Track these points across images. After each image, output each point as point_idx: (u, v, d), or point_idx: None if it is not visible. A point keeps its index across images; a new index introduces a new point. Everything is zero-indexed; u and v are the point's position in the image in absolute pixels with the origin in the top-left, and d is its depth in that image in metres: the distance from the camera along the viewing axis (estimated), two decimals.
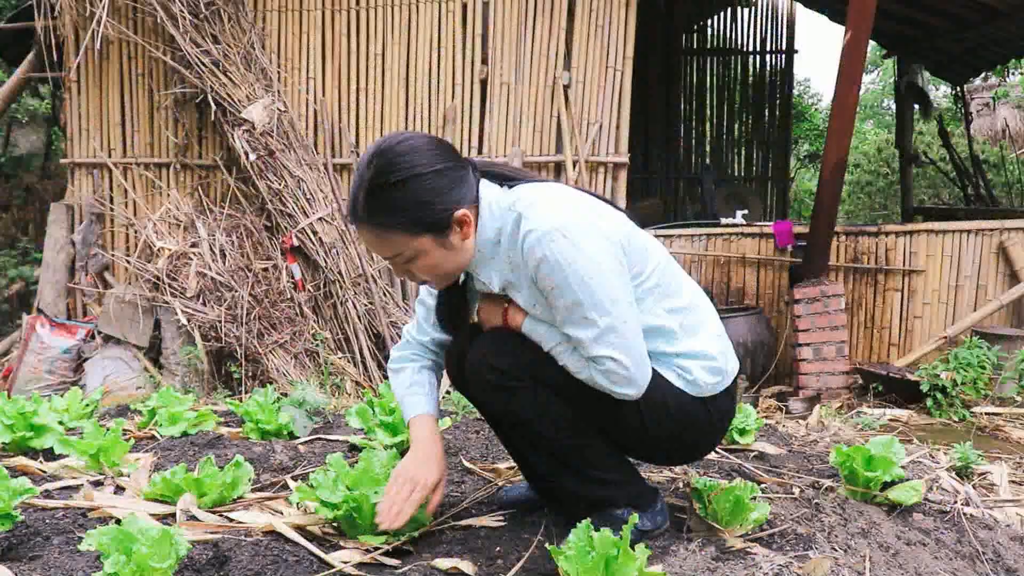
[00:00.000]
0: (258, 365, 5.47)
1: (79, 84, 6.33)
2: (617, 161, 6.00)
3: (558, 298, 1.92)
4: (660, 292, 2.08)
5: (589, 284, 1.89)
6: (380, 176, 1.90)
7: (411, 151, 1.92)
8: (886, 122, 21.41)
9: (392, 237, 1.94)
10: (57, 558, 2.06)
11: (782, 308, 6.30)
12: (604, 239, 1.94)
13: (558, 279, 1.89)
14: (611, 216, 2.03)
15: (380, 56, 6.16)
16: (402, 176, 1.90)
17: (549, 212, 1.92)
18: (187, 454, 3.07)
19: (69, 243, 6.31)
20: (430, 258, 1.98)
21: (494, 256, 2.06)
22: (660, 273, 2.09)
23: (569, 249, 1.88)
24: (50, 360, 5.88)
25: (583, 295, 1.89)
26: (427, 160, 1.92)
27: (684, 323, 2.11)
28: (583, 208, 1.97)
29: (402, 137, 1.96)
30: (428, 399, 2.30)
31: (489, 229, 2.02)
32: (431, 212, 1.92)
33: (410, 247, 1.95)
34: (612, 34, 5.97)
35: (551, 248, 1.88)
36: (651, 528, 2.20)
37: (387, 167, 1.90)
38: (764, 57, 11.58)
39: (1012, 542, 2.50)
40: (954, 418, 5.03)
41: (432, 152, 1.94)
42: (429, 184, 1.91)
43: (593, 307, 1.90)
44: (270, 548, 2.12)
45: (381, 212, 1.92)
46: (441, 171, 1.93)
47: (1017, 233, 6.19)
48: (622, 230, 2.02)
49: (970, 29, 8.55)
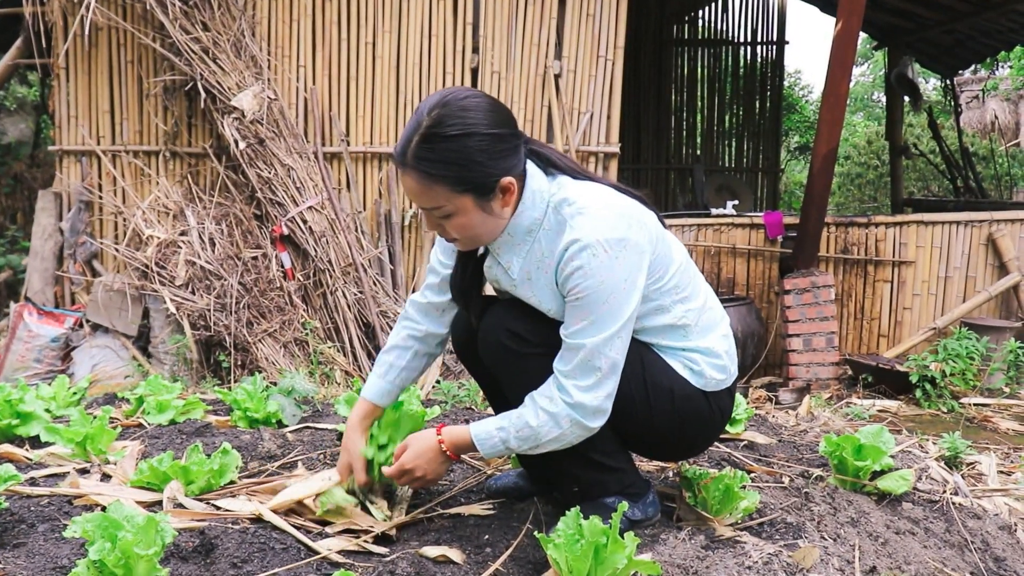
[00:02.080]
0: (247, 354, 5.45)
1: (68, 71, 6.28)
2: (608, 151, 5.98)
3: (577, 304, 1.95)
4: (678, 293, 2.11)
5: (610, 302, 1.93)
6: (438, 125, 1.89)
7: (474, 108, 1.92)
8: (876, 114, 21.45)
9: (435, 188, 1.93)
10: (42, 545, 2.04)
11: (772, 299, 6.31)
12: (639, 254, 1.96)
13: (587, 289, 1.92)
14: (646, 222, 2.04)
15: (371, 45, 6.13)
16: (460, 131, 1.89)
17: (595, 223, 1.93)
18: (175, 442, 3.05)
19: (57, 231, 6.26)
20: (468, 218, 1.97)
21: (523, 244, 2.06)
22: (680, 274, 2.12)
23: (607, 264, 1.91)
24: (38, 349, 5.84)
25: (602, 309, 1.93)
26: (488, 121, 1.92)
27: (698, 323, 2.15)
28: (626, 218, 1.97)
29: (468, 93, 1.95)
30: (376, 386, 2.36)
31: (526, 217, 2.03)
32: (480, 173, 1.92)
33: (451, 203, 1.95)
34: (603, 23, 5.95)
35: (592, 262, 1.91)
36: (642, 518, 2.20)
37: (447, 118, 1.89)
38: (755, 48, 11.57)
39: (1000, 531, 2.51)
40: (943, 409, 5.04)
41: (493, 114, 1.94)
42: (484, 145, 1.91)
43: (603, 320, 1.94)
44: (257, 536, 2.11)
45: (431, 161, 1.90)
46: (498, 136, 1.93)
47: (1006, 225, 6.21)
48: (655, 235, 2.05)
49: (960, 21, 8.56)
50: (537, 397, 2.01)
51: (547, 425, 1.99)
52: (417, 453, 2.14)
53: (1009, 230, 6.19)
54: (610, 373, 1.97)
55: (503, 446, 2.05)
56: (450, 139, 1.89)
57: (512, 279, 2.10)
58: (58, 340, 5.87)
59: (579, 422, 1.98)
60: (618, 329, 1.95)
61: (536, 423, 2.00)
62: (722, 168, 11.58)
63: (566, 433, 2.00)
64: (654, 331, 2.12)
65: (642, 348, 2.13)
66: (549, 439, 2.01)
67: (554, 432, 2.00)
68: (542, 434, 2.00)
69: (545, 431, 1.99)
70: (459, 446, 2.11)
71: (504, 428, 2.04)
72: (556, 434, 2.00)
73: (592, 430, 2.02)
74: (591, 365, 1.95)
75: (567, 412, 1.97)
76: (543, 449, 2.04)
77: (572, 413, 1.97)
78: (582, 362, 1.96)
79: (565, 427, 1.99)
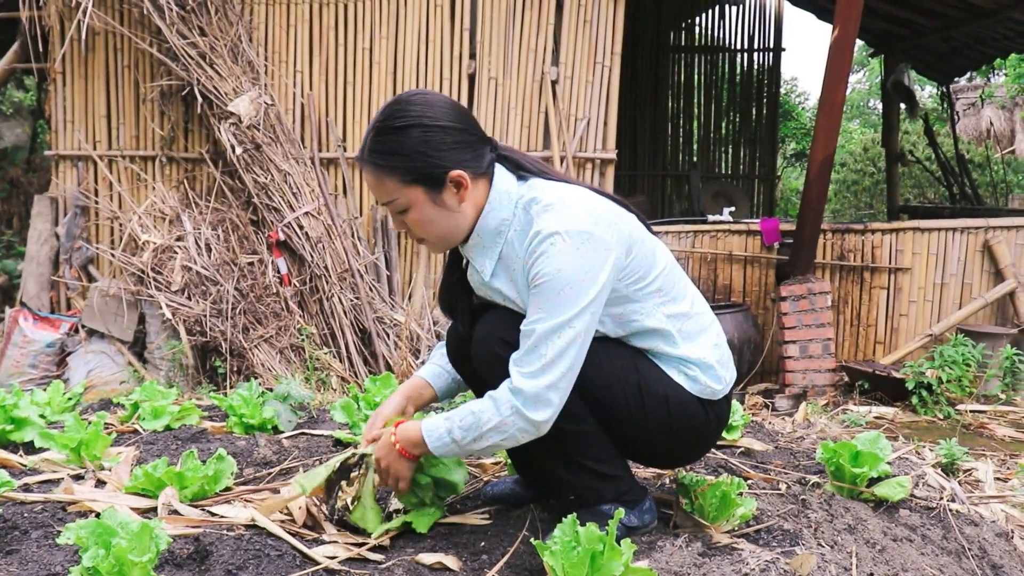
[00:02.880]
0: (243, 360, 5.44)
1: (64, 76, 6.27)
2: (605, 157, 5.99)
3: (535, 291, 1.95)
4: (662, 296, 2.11)
5: (565, 291, 1.91)
6: (387, 119, 1.99)
7: (423, 103, 2.00)
8: (872, 121, 21.51)
9: (386, 181, 2.00)
10: (35, 552, 2.03)
11: (769, 305, 6.30)
12: (604, 250, 1.95)
13: (545, 276, 1.92)
14: (620, 223, 2.03)
15: (368, 50, 6.13)
16: (404, 123, 1.97)
17: (559, 216, 1.95)
18: (170, 448, 3.05)
19: (53, 236, 6.25)
20: (422, 212, 2.02)
21: (494, 245, 2.08)
22: (664, 278, 2.12)
23: (566, 253, 1.91)
24: (33, 354, 5.83)
25: (556, 298, 1.92)
26: (435, 114, 1.98)
27: (683, 329, 2.14)
28: (593, 216, 1.97)
29: (421, 91, 2.05)
30: (429, 367, 2.41)
31: (493, 218, 2.06)
32: (425, 163, 1.97)
33: (403, 195, 2.01)
34: (600, 30, 5.96)
35: (550, 250, 1.91)
36: (638, 525, 2.19)
37: (396, 112, 1.99)
38: (752, 55, 11.61)
39: (998, 538, 2.50)
40: (939, 415, 5.04)
41: (444, 110, 2.00)
42: (430, 136, 1.97)
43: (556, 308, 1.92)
44: (252, 542, 2.10)
45: (380, 153, 1.99)
46: (446, 128, 1.99)
47: (1002, 232, 6.21)
48: (631, 237, 2.04)
49: (956, 28, 8.58)
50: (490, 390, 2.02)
51: (488, 411, 1.97)
52: (379, 445, 2.17)
53: (1005, 237, 6.19)
54: (555, 361, 1.92)
55: (448, 437, 2.03)
56: (396, 131, 1.97)
57: (488, 283, 2.12)
58: (53, 345, 5.86)
59: (519, 410, 1.94)
60: (569, 318, 1.92)
61: (477, 408, 1.98)
62: (718, 175, 11.60)
63: (507, 422, 1.95)
64: (642, 335, 2.11)
65: (637, 355, 2.12)
66: (489, 427, 1.97)
67: (494, 419, 1.96)
68: (482, 421, 1.97)
69: (485, 418, 1.97)
70: (411, 441, 2.10)
71: (450, 418, 2.03)
72: (495, 422, 1.96)
73: (535, 423, 1.95)
74: (537, 352, 1.93)
75: (507, 398, 1.95)
76: (486, 442, 1.99)
77: (512, 399, 1.94)
78: (529, 348, 1.95)
79: (505, 414, 1.95)
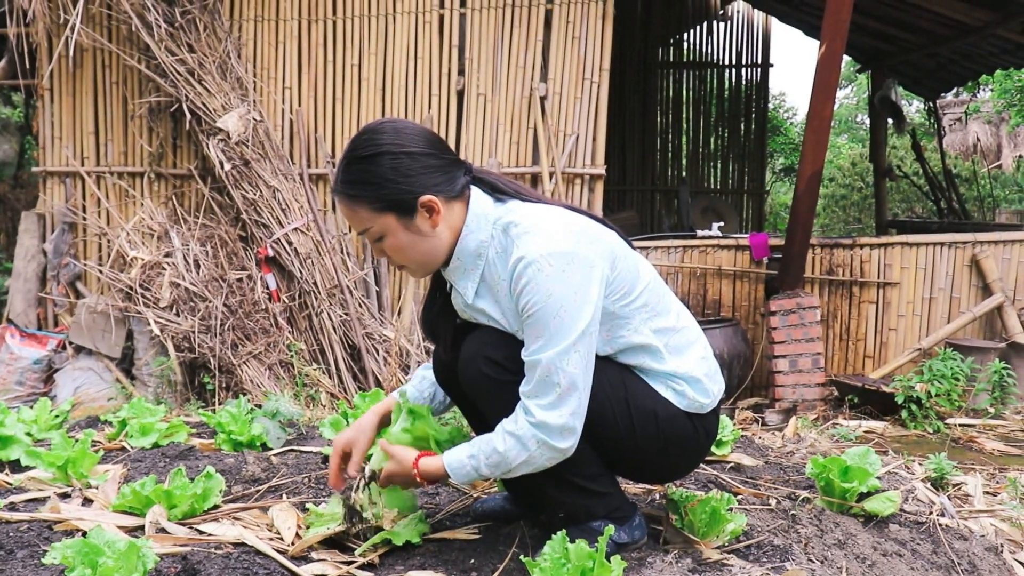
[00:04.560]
0: (232, 376, 5.42)
1: (52, 92, 6.27)
2: (594, 173, 6.00)
3: (530, 321, 1.95)
4: (648, 311, 2.11)
5: (561, 316, 1.91)
6: (354, 150, 2.00)
7: (391, 131, 2.00)
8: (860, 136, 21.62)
9: (358, 209, 2.01)
10: (21, 572, 2.01)
11: (758, 320, 6.32)
12: (589, 267, 1.95)
13: (536, 304, 1.92)
14: (601, 239, 2.04)
15: (357, 67, 6.14)
16: (370, 151, 1.98)
17: (541, 240, 1.94)
18: (158, 466, 3.03)
19: (40, 252, 6.23)
20: (397, 239, 2.03)
21: (475, 268, 2.08)
22: (649, 293, 2.12)
23: (554, 277, 1.91)
24: (20, 371, 5.80)
25: (553, 323, 1.92)
26: (403, 141, 1.99)
27: (670, 343, 2.14)
28: (574, 234, 1.97)
29: (390, 120, 2.06)
30: (410, 386, 2.42)
31: (472, 241, 2.06)
32: (394, 190, 1.97)
33: (376, 223, 2.01)
34: (588, 46, 5.98)
35: (537, 276, 1.91)
36: (628, 541, 2.18)
37: (365, 142, 2.00)
38: (740, 71, 11.65)
39: (987, 552, 2.51)
40: (929, 430, 5.05)
41: (412, 136, 2.01)
42: (398, 163, 1.97)
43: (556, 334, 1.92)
44: (240, 561, 2.09)
45: (350, 183, 2.00)
46: (414, 154, 1.99)
47: (989, 246, 6.24)
48: (614, 252, 2.05)
49: (943, 45, 8.64)
50: (505, 422, 2.01)
51: (514, 449, 1.97)
52: (392, 472, 2.15)
53: (992, 251, 6.22)
54: (571, 389, 1.94)
55: (475, 474, 2.04)
56: (365, 159, 1.98)
57: (472, 304, 2.12)
58: (40, 362, 5.83)
59: (545, 442, 1.95)
60: (573, 342, 1.92)
61: (503, 448, 1.98)
62: (707, 190, 11.63)
63: (535, 456, 1.97)
64: (629, 352, 2.11)
65: (624, 371, 2.12)
66: (519, 463, 1.98)
67: (522, 455, 1.97)
68: (511, 458, 1.98)
69: (513, 455, 1.97)
70: (432, 475, 2.10)
71: (475, 456, 2.03)
72: (524, 457, 1.97)
73: (562, 451, 1.98)
74: (549, 381, 1.93)
75: (532, 433, 1.95)
76: (516, 473, 2.02)
77: (537, 434, 1.95)
78: (540, 379, 1.94)
79: (532, 449, 1.96)
